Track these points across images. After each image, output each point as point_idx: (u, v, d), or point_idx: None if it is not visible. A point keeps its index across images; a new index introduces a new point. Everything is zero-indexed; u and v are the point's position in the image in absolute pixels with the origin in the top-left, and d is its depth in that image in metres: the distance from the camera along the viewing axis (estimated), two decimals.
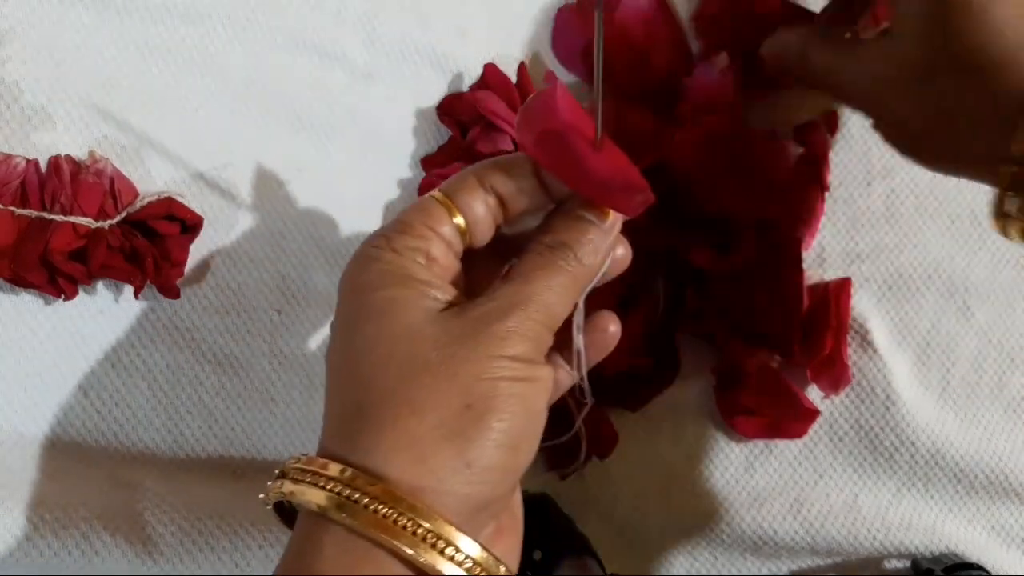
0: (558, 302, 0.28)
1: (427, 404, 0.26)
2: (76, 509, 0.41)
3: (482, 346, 0.26)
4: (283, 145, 0.44)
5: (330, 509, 0.25)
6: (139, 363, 0.43)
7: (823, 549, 0.46)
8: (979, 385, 0.46)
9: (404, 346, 0.26)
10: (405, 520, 0.24)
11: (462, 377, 0.26)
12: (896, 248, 0.46)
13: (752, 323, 0.43)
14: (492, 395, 0.26)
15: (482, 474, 0.26)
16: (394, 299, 0.27)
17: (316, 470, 0.26)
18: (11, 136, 0.41)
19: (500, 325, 0.27)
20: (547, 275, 0.28)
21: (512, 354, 0.27)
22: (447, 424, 0.25)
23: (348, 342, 0.28)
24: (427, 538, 0.24)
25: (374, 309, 0.27)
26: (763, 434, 0.45)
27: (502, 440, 0.26)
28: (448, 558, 0.25)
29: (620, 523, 0.46)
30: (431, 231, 0.28)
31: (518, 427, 0.26)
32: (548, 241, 0.29)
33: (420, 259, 0.28)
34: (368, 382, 0.27)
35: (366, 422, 0.26)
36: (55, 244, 0.39)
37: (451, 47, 0.44)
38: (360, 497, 0.25)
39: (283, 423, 0.44)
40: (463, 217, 0.29)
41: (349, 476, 0.25)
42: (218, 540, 0.42)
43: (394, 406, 0.26)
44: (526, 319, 0.27)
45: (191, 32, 0.43)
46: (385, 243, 0.28)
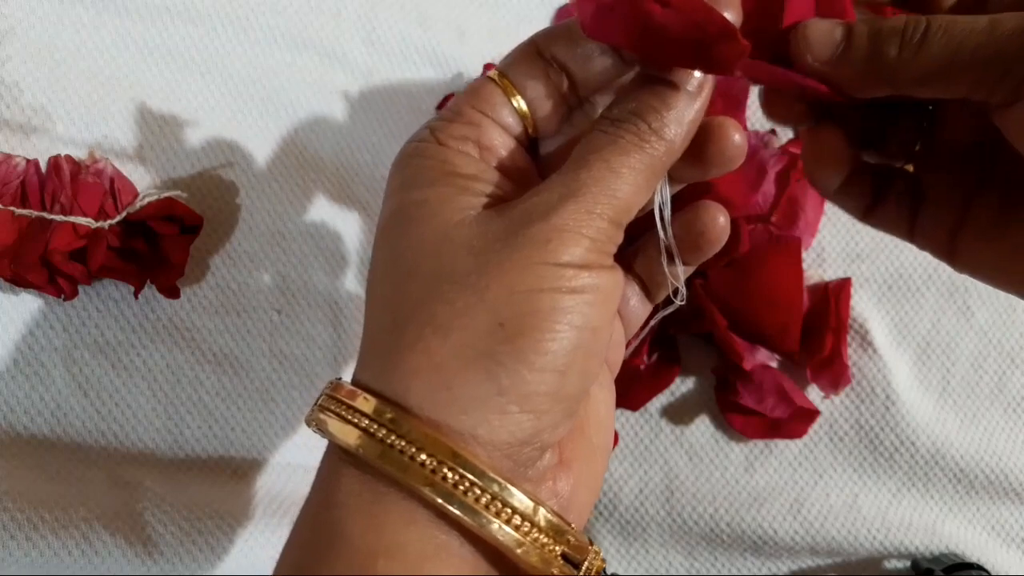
0: (628, 188, 0.23)
1: (453, 322, 0.22)
2: (76, 509, 0.41)
3: (520, 251, 0.22)
4: (283, 145, 0.44)
5: (354, 446, 0.22)
6: (139, 363, 0.43)
7: (823, 549, 0.46)
8: (979, 385, 0.46)
9: (433, 253, 0.23)
10: (429, 460, 0.21)
11: (494, 290, 0.22)
12: (896, 247, 0.46)
13: (752, 323, 0.43)
14: (530, 311, 0.22)
15: (520, 402, 0.22)
16: (426, 200, 0.23)
17: (341, 398, 0.23)
18: (11, 136, 0.41)
19: (544, 224, 0.22)
20: (611, 155, 0.23)
21: (560, 260, 0.22)
22: (475, 345, 0.22)
23: (382, 251, 0.24)
24: (453, 481, 0.21)
25: (407, 212, 0.24)
26: (763, 434, 0.45)
27: (543, 363, 0.22)
28: (478, 505, 0.21)
29: (620, 523, 0.46)
30: (483, 116, 0.24)
31: (564, 347, 0.22)
32: (614, 115, 0.24)
33: (470, 149, 0.24)
34: (392, 297, 0.23)
35: (390, 343, 0.23)
36: (55, 244, 0.39)
37: (451, 47, 0.44)
38: (378, 430, 0.22)
39: (283, 423, 0.44)
40: (522, 97, 0.25)
41: (374, 406, 0.22)
42: (218, 540, 0.42)
43: (417, 325, 0.22)
44: (581, 213, 0.22)
45: (191, 32, 0.43)
46: (430, 134, 0.24)
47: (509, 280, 0.22)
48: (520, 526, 0.22)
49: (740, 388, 0.44)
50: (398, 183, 0.25)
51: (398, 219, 0.24)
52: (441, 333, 0.22)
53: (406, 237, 0.24)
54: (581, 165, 0.23)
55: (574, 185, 0.23)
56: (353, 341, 0.44)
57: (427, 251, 0.23)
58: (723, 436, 0.46)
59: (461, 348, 0.22)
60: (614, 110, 0.24)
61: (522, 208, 0.23)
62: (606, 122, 0.24)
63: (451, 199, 0.23)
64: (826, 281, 0.45)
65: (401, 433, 0.22)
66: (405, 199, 0.24)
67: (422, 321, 0.22)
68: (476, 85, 0.25)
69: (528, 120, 0.25)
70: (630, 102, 0.24)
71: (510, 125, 0.25)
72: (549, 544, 0.22)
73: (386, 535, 0.22)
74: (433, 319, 0.22)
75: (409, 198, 0.24)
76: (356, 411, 0.23)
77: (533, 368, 0.22)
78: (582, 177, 0.23)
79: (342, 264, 0.44)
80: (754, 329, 0.43)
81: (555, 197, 0.23)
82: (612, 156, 0.23)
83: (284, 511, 0.44)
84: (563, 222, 0.22)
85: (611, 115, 0.24)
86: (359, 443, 0.22)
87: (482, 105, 0.25)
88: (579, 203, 0.22)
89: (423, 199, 0.24)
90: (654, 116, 0.23)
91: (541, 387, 0.22)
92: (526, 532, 0.22)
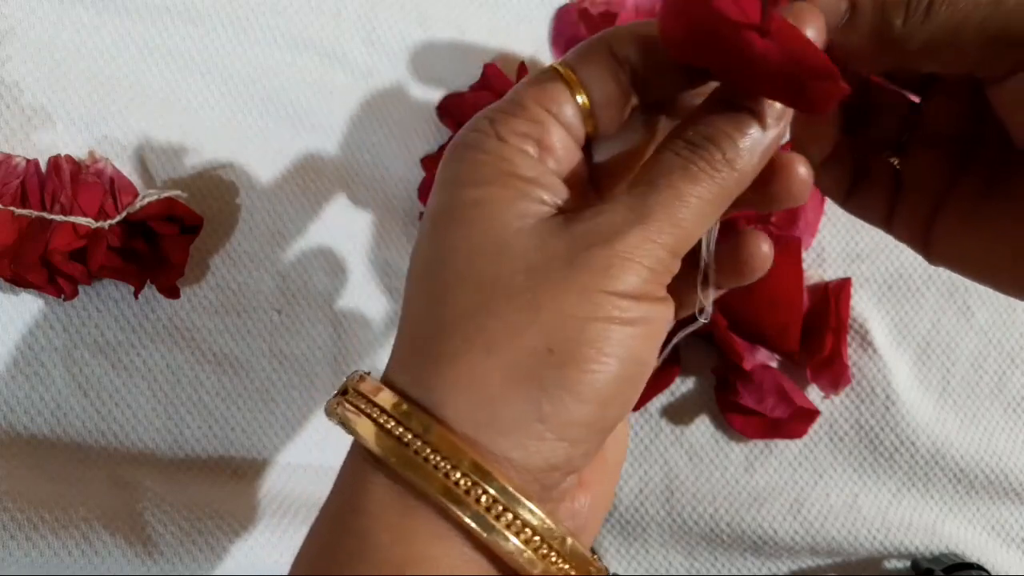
0: (692, 218, 0.22)
1: (503, 340, 0.21)
2: (76, 509, 0.41)
3: (579, 275, 0.21)
4: (283, 145, 0.44)
5: (380, 449, 0.22)
6: (139, 363, 0.43)
7: (823, 549, 0.46)
8: (979, 385, 0.46)
9: (488, 261, 0.22)
10: (459, 476, 0.21)
11: (548, 312, 0.21)
12: (896, 247, 0.46)
13: (752, 323, 0.43)
14: (582, 340, 0.21)
15: (558, 430, 0.21)
16: (485, 200, 0.22)
17: (368, 395, 0.22)
18: (11, 136, 0.41)
19: (607, 249, 0.21)
20: (681, 181, 0.22)
21: (617, 289, 0.21)
22: (522, 366, 0.21)
23: (430, 247, 0.23)
24: (481, 500, 0.21)
25: (461, 211, 0.23)
26: (763, 434, 0.45)
27: (588, 395, 0.21)
28: (499, 524, 0.21)
29: (620, 523, 0.46)
30: (547, 113, 0.23)
31: (610, 379, 0.22)
32: (688, 136, 0.23)
33: (530, 148, 0.23)
34: (439, 301, 0.22)
35: (431, 350, 0.22)
36: (55, 244, 0.39)
37: (450, 46, 0.44)
38: (412, 440, 0.21)
39: (283, 423, 0.44)
40: (587, 96, 0.23)
41: (404, 411, 0.22)
42: (218, 540, 0.42)
43: (465, 335, 0.22)
44: (644, 242, 0.21)
45: (191, 32, 0.43)
46: (489, 126, 0.23)
47: (564, 305, 0.21)
48: (539, 548, 0.22)
49: (740, 388, 0.44)
50: (451, 175, 0.24)
51: (450, 217, 0.23)
52: (490, 349, 0.21)
53: (458, 238, 0.23)
54: (650, 188, 0.22)
55: (641, 210, 0.22)
56: (353, 341, 0.44)
57: (481, 258, 0.22)
58: (723, 436, 0.46)
59: (508, 368, 0.21)
60: (688, 132, 0.23)
61: (585, 228, 0.22)
62: (679, 144, 0.23)
63: (510, 203, 0.23)
64: (826, 281, 0.45)
65: (428, 441, 0.21)
66: (458, 196, 0.23)
67: (470, 333, 0.22)
68: (542, 78, 0.24)
69: (590, 120, 0.24)
70: (706, 126, 0.23)
71: (572, 125, 0.24)
72: (569, 570, 0.22)
73: (415, 547, 0.22)
74: (483, 333, 0.22)
75: (463, 195, 0.23)
76: (384, 412, 0.22)
77: (578, 399, 0.21)
78: (650, 202, 0.22)
79: (342, 264, 0.44)
80: (754, 329, 0.43)
81: (619, 220, 0.22)
82: (682, 183, 0.22)
83: (284, 511, 0.44)
84: (625, 249, 0.22)
85: (684, 136, 0.23)
86: (383, 446, 0.22)
87: (546, 101, 0.23)
88: (644, 230, 0.22)
89: (479, 198, 0.23)
90: (729, 144, 0.22)
91: (581, 417, 0.22)
92: (544, 555, 0.22)
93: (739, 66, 0.22)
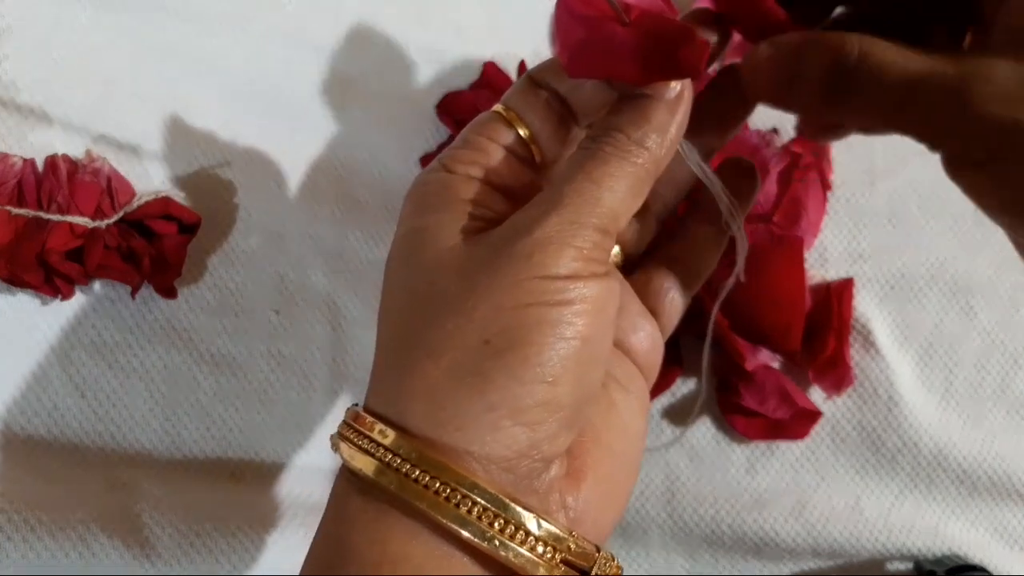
0: (609, 196, 0.23)
1: (444, 344, 0.23)
2: (73, 511, 0.41)
3: (505, 268, 0.23)
4: (281, 143, 0.44)
5: (369, 473, 0.23)
6: (136, 364, 0.43)
7: (825, 551, 0.46)
8: (982, 386, 0.46)
9: (426, 281, 0.24)
10: (418, 473, 0.22)
11: (482, 310, 0.22)
12: (899, 248, 0.45)
13: (754, 323, 0.43)
14: (516, 325, 0.22)
15: (512, 416, 0.22)
16: (426, 227, 0.24)
17: (349, 421, 0.24)
18: (7, 135, 0.41)
19: (527, 239, 0.23)
20: (591, 167, 0.23)
21: (545, 274, 0.22)
22: (463, 364, 0.22)
23: (387, 280, 0.25)
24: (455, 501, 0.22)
25: (407, 240, 0.25)
26: (765, 435, 0.45)
27: (532, 375, 0.22)
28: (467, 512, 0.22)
29: (620, 523, 0.46)
30: (490, 141, 0.25)
31: (552, 358, 0.22)
32: (595, 131, 0.24)
33: (475, 172, 0.25)
34: (397, 323, 0.24)
35: (393, 369, 0.24)
36: (52, 244, 0.39)
37: (450, 46, 0.44)
38: (392, 458, 0.22)
39: (281, 424, 0.44)
40: (526, 127, 0.25)
41: (367, 426, 0.23)
42: (216, 542, 0.42)
43: (415, 349, 0.23)
44: (564, 224, 0.23)
45: (189, 30, 0.43)
46: (439, 164, 0.25)
47: (496, 299, 0.22)
48: (515, 535, 0.22)
49: (742, 389, 0.44)
50: (407, 211, 0.25)
51: (401, 246, 0.25)
52: (434, 356, 0.23)
53: (407, 264, 0.24)
54: (563, 180, 0.24)
55: (555, 199, 0.23)
56: (351, 342, 0.44)
57: (424, 277, 0.24)
58: (724, 437, 0.46)
59: (452, 369, 0.22)
60: (595, 128, 0.25)
61: (506, 226, 0.23)
62: (587, 140, 0.24)
63: (448, 224, 0.24)
64: (828, 281, 0.45)
65: (404, 456, 0.22)
66: (409, 226, 0.25)
67: (418, 346, 0.23)
68: (483, 118, 0.26)
69: (536, 148, 0.26)
70: (610, 117, 0.24)
71: (515, 151, 0.26)
72: (547, 552, 0.23)
73: (390, 548, 0.23)
74: (427, 344, 0.23)
75: (412, 225, 0.25)
76: (371, 440, 0.23)
77: (522, 381, 0.22)
78: (564, 190, 0.23)
79: (341, 265, 0.44)
80: (756, 330, 0.43)
81: (538, 212, 0.23)
82: (592, 168, 0.23)
83: (282, 512, 0.44)
84: (546, 235, 0.23)
85: (592, 133, 0.24)
86: (373, 471, 0.23)
87: (487, 133, 0.25)
88: (561, 215, 0.23)
89: (423, 226, 0.24)
90: (633, 128, 0.24)
91: (531, 399, 0.22)
92: (521, 541, 0.22)
93: (616, 62, 0.23)
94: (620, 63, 0.23)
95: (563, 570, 0.23)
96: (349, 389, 0.44)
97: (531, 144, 0.26)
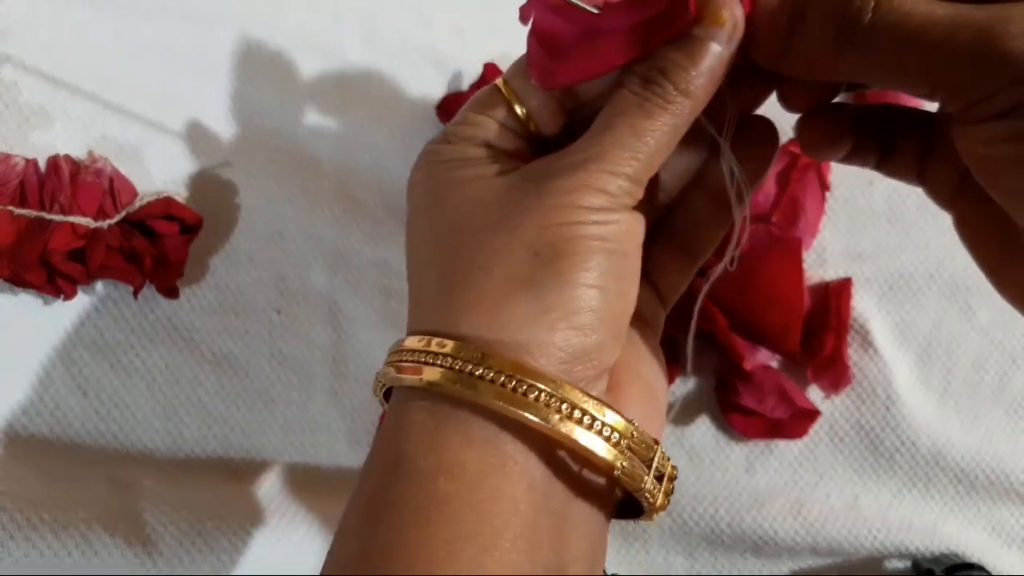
0: (650, 151, 0.24)
1: (493, 259, 0.24)
2: (75, 510, 0.41)
3: (545, 199, 0.24)
4: (282, 144, 0.44)
5: (432, 381, 0.23)
6: (138, 363, 0.43)
7: (824, 549, 0.46)
8: (981, 385, 0.46)
9: (464, 213, 0.25)
10: (500, 377, 0.23)
11: (526, 228, 0.24)
12: (897, 248, 0.46)
13: (753, 323, 0.43)
14: (561, 239, 0.23)
15: (567, 319, 0.23)
16: (452, 182, 0.26)
17: (398, 349, 0.25)
18: (9, 136, 0.41)
19: (568, 179, 0.24)
20: (637, 118, 0.24)
21: (583, 204, 0.24)
22: (516, 274, 0.24)
23: (420, 230, 0.26)
24: (512, 386, 0.22)
25: (436, 195, 0.26)
26: (763, 434, 0.45)
27: (583, 279, 0.23)
28: (534, 399, 0.23)
29: (620, 524, 0.46)
30: (489, 119, 0.26)
31: (598, 267, 0.24)
32: (643, 72, 0.24)
33: (479, 144, 0.26)
34: (435, 257, 0.25)
35: (437, 294, 0.25)
36: (54, 244, 0.39)
37: (450, 46, 0.44)
38: (444, 360, 0.23)
39: (282, 424, 0.44)
40: (522, 104, 0.26)
41: (421, 343, 0.24)
42: (217, 541, 0.42)
43: (461, 269, 0.24)
44: (604, 174, 0.24)
45: (189, 30, 0.43)
46: (443, 138, 0.27)
47: (539, 219, 0.24)
48: (581, 419, 0.23)
49: (741, 388, 0.44)
50: (420, 178, 0.27)
51: (431, 199, 0.26)
52: (486, 269, 0.24)
53: (439, 210, 0.25)
54: (607, 127, 0.24)
55: (598, 149, 0.24)
56: (352, 342, 0.44)
57: (461, 213, 0.25)
58: (723, 436, 0.46)
59: (505, 279, 0.24)
60: (642, 67, 0.24)
61: (547, 166, 0.24)
62: (633, 80, 0.24)
63: (476, 176, 0.25)
64: (827, 281, 0.45)
65: (466, 358, 0.23)
66: (434, 185, 0.26)
67: (464, 265, 0.24)
68: (481, 94, 0.27)
69: (532, 123, 0.27)
70: (659, 59, 0.24)
71: (512, 125, 0.27)
72: (614, 436, 0.23)
73: (445, 456, 0.23)
74: (474, 261, 0.24)
75: (439, 182, 0.26)
76: (429, 354, 0.24)
77: (573, 285, 0.23)
78: (607, 140, 0.24)
79: (341, 264, 0.44)
80: (755, 329, 0.43)
81: (580, 159, 0.24)
82: (638, 120, 0.24)
83: (283, 511, 0.44)
84: (585, 181, 0.24)
85: (639, 72, 0.24)
86: (439, 377, 0.23)
87: (485, 109, 0.26)
88: (602, 165, 0.24)
89: (449, 182, 0.26)
90: (683, 76, 0.24)
91: (582, 303, 0.23)
92: (588, 426, 0.23)
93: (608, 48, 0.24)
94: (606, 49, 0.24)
95: (627, 456, 0.24)
96: (349, 389, 0.44)
97: (528, 121, 0.27)
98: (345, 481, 0.45)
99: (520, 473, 0.23)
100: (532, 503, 0.23)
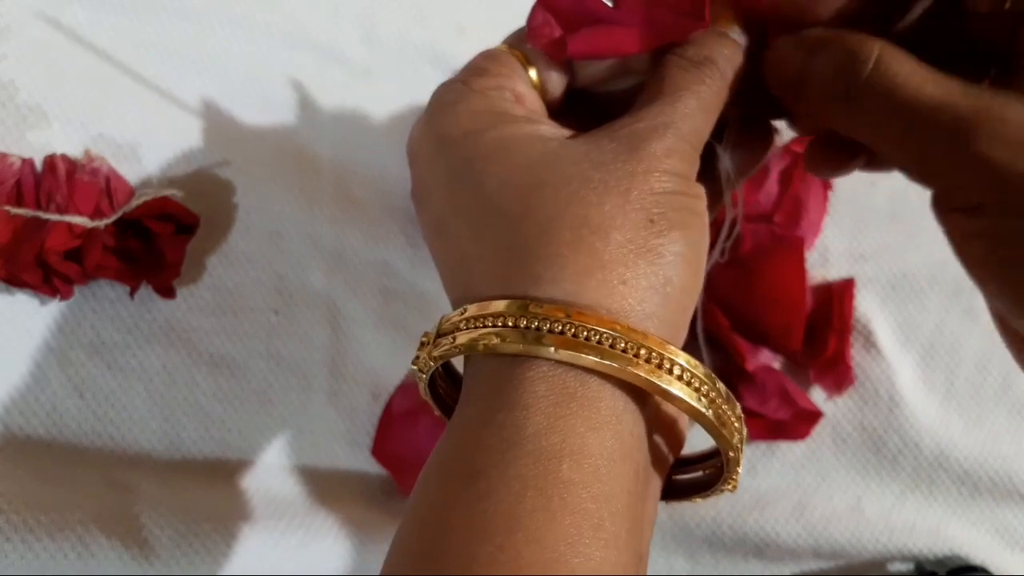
0: (707, 124, 0.25)
1: (606, 222, 0.22)
2: (71, 511, 0.41)
3: (644, 163, 0.23)
4: (280, 143, 0.43)
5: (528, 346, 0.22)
6: (135, 364, 0.43)
7: (826, 551, 0.45)
8: (984, 386, 0.46)
9: (551, 170, 0.23)
10: (621, 343, 0.21)
11: (636, 192, 0.23)
12: (900, 248, 0.45)
13: (755, 323, 0.43)
14: (671, 208, 0.23)
15: (679, 296, 0.23)
16: (503, 137, 0.24)
17: (480, 313, 0.23)
18: (6, 135, 0.41)
19: (660, 143, 0.23)
20: (702, 93, 0.24)
21: (675, 171, 0.23)
22: (635, 241, 0.22)
23: (467, 191, 0.24)
24: (654, 360, 0.21)
25: (488, 149, 0.24)
26: (766, 436, 0.45)
27: (690, 256, 0.23)
28: (676, 377, 0.22)
29: None
30: (510, 71, 0.26)
31: (698, 241, 0.24)
32: (691, 55, 0.25)
33: (508, 96, 0.25)
34: (517, 216, 0.23)
35: (534, 255, 0.23)
36: (50, 244, 0.39)
37: (450, 45, 0.44)
38: (553, 324, 0.21)
39: (280, 425, 0.44)
40: (534, 68, 0.26)
41: (527, 309, 0.22)
42: (215, 543, 0.42)
43: (568, 229, 0.22)
44: (680, 141, 0.24)
45: (188, 29, 0.43)
46: (463, 86, 0.25)
47: (645, 184, 0.23)
48: (691, 382, 0.22)
49: (743, 389, 0.44)
50: (451, 129, 0.25)
51: (481, 153, 0.24)
52: (600, 233, 0.22)
53: (507, 162, 0.24)
54: (675, 98, 0.24)
55: (674, 116, 0.24)
56: (351, 342, 0.44)
57: (543, 167, 0.23)
58: None
59: (624, 245, 0.22)
60: (690, 51, 0.25)
61: (630, 130, 0.24)
62: (686, 62, 0.25)
63: (529, 131, 0.24)
64: (830, 281, 0.45)
65: (618, 334, 0.22)
66: (479, 139, 0.24)
67: (575, 225, 0.22)
68: (495, 51, 0.26)
69: (540, 91, 0.26)
70: (701, 47, 0.25)
71: (531, 84, 0.26)
72: (717, 398, 0.23)
73: (571, 439, 0.22)
74: (588, 221, 0.22)
75: (485, 137, 0.24)
76: (550, 320, 0.22)
77: (686, 260, 0.23)
78: (679, 109, 0.24)
79: (340, 265, 0.44)
80: (757, 329, 0.43)
81: (660, 124, 0.24)
82: (702, 95, 0.24)
83: (281, 513, 0.43)
84: (669, 146, 0.24)
85: (688, 56, 0.25)
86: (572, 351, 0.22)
87: (506, 63, 0.26)
88: (678, 132, 0.24)
89: (498, 136, 0.24)
90: (723, 61, 0.25)
91: (690, 280, 0.23)
92: (704, 390, 0.23)
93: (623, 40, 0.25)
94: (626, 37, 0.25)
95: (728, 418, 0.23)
96: (348, 390, 0.44)
97: (537, 89, 0.26)
98: (344, 482, 0.45)
99: (634, 463, 0.23)
100: (637, 494, 0.23)
